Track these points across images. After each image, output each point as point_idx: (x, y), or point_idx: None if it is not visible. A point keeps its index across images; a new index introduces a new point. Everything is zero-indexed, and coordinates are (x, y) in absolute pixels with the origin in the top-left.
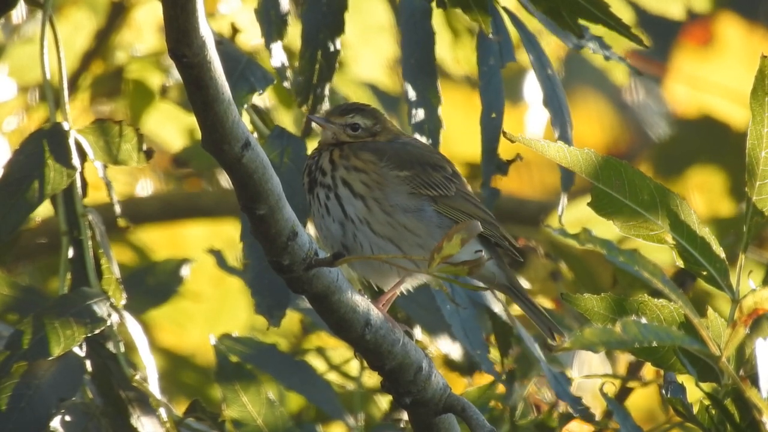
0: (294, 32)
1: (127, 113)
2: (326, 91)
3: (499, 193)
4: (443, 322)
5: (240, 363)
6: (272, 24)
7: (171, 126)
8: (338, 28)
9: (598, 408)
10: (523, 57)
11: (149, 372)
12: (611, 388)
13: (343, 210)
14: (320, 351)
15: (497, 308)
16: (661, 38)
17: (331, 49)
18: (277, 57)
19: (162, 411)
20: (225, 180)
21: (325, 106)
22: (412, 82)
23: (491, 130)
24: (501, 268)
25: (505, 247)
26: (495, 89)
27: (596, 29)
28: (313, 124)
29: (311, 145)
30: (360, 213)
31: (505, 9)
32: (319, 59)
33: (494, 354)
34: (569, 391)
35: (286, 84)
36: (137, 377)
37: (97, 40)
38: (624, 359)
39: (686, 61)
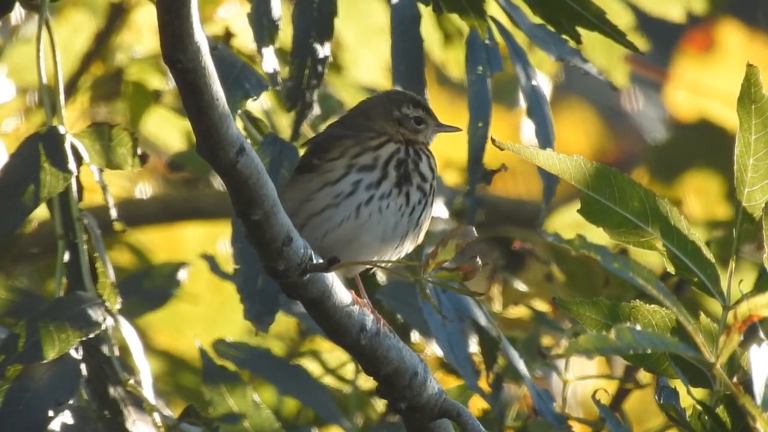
0: (288, 36)
1: (126, 115)
2: (315, 97)
3: (482, 202)
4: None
5: (225, 365)
6: (264, 29)
7: (171, 128)
8: (327, 34)
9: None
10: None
11: (143, 376)
12: (603, 394)
13: (420, 216)
14: (316, 354)
15: (484, 322)
16: (662, 44)
17: (320, 55)
18: (269, 62)
19: (156, 416)
20: (220, 184)
21: (316, 111)
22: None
23: (477, 139)
24: None
25: None
26: (482, 98)
27: (592, 36)
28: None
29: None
30: (426, 221)
31: (492, 19)
32: (308, 65)
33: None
34: (552, 409)
35: (278, 88)
36: (131, 381)
37: (97, 42)
38: (621, 360)
39: (687, 67)
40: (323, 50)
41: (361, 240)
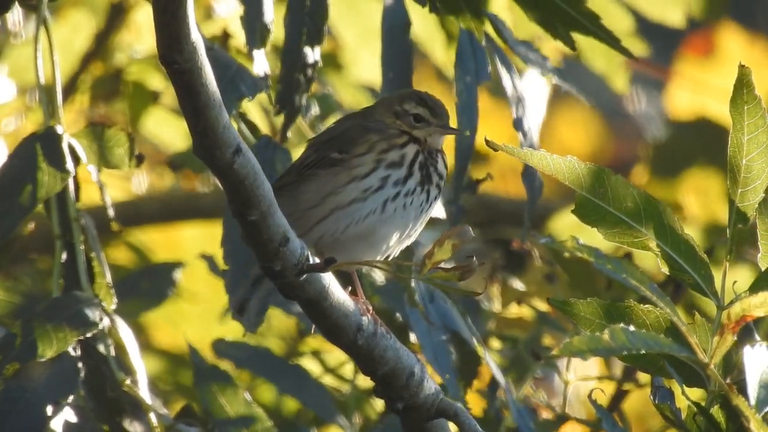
0: (281, 38)
1: (126, 115)
2: (303, 101)
3: (463, 209)
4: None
5: (216, 364)
6: (256, 31)
7: (171, 127)
8: (318, 38)
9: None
10: (517, 60)
11: (140, 376)
12: (600, 395)
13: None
14: (316, 354)
15: (467, 336)
16: (662, 48)
17: (311, 59)
18: (260, 64)
19: (152, 416)
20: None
21: (314, 111)
22: None
23: (464, 148)
24: None
25: None
26: (470, 107)
27: (592, 40)
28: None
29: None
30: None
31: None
32: (299, 68)
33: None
34: (532, 427)
35: (267, 92)
36: (128, 381)
37: (97, 42)
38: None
39: (688, 71)
40: (314, 54)
41: (379, 233)
